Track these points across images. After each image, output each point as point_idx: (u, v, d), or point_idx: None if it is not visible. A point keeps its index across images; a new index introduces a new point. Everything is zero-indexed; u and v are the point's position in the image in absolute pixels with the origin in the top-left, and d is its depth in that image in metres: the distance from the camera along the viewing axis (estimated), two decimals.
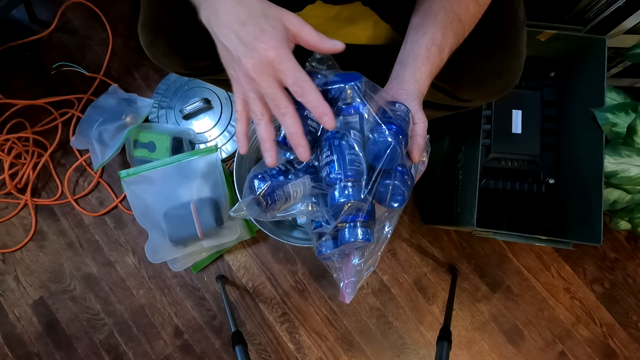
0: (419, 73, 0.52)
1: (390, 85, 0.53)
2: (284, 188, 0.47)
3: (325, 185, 0.47)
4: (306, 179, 0.48)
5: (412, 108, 0.50)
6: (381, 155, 0.45)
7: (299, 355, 1.09)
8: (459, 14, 0.53)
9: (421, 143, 0.50)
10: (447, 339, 0.82)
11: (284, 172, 0.48)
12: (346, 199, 0.45)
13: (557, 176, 0.97)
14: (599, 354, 1.09)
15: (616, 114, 0.89)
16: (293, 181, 0.47)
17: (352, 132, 0.48)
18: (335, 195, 0.46)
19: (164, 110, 1.15)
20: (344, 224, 0.47)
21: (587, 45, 0.92)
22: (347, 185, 0.45)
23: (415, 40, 0.53)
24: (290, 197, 0.47)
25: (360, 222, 0.47)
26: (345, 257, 0.52)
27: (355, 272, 0.51)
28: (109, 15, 1.25)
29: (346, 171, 0.46)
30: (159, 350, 1.10)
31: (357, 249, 0.50)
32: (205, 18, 0.44)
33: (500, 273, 1.12)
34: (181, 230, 0.98)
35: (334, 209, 0.46)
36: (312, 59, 0.52)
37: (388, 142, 0.45)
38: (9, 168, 1.15)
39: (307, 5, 0.70)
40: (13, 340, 1.11)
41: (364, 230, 0.47)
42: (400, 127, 0.46)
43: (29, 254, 1.15)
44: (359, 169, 0.46)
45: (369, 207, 0.48)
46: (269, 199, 0.46)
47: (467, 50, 0.60)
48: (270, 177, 0.47)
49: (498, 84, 0.65)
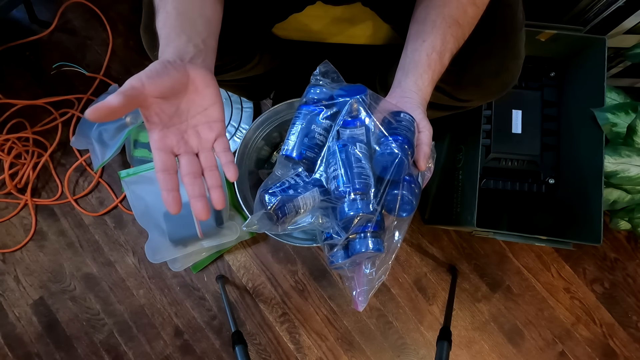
0: (421, 80, 0.53)
1: (394, 94, 0.54)
2: (294, 202, 0.47)
3: (334, 198, 0.48)
4: (315, 192, 0.49)
5: (417, 116, 0.51)
6: (388, 166, 0.46)
7: (299, 355, 1.09)
8: (457, 18, 0.53)
9: (427, 151, 0.50)
10: (447, 339, 0.82)
11: (294, 186, 0.49)
12: (355, 213, 0.46)
13: (557, 176, 0.97)
14: (599, 354, 1.09)
15: (616, 114, 0.89)
16: (303, 194, 0.48)
17: (358, 144, 0.48)
18: (344, 208, 0.47)
19: None
20: (354, 235, 0.48)
21: (587, 45, 0.92)
22: (356, 198, 0.46)
23: (415, 48, 0.54)
24: (300, 210, 0.49)
25: (371, 233, 0.48)
26: (356, 267, 0.52)
27: (367, 281, 0.52)
28: (109, 15, 1.25)
29: (354, 184, 0.47)
30: (159, 350, 1.10)
31: (368, 259, 0.51)
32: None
33: (500, 273, 1.12)
34: (181, 230, 0.98)
35: (344, 222, 0.47)
36: (316, 72, 0.53)
37: (395, 153, 0.46)
38: (9, 168, 1.15)
39: (307, 6, 0.70)
40: (13, 340, 1.11)
41: (374, 241, 0.48)
42: (405, 137, 0.47)
43: (29, 254, 1.15)
44: (366, 182, 0.47)
45: (378, 218, 0.48)
46: (280, 213, 0.47)
47: (466, 50, 0.60)
48: (281, 191, 0.48)
49: (497, 85, 0.65)
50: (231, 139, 1.12)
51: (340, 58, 0.87)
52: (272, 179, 0.51)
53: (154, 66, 0.42)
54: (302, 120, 0.52)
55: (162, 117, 0.43)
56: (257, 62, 0.77)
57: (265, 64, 0.81)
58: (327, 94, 0.51)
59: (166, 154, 0.43)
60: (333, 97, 0.51)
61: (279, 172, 0.52)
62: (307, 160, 0.51)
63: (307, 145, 0.51)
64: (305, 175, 0.50)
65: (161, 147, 0.43)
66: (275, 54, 0.84)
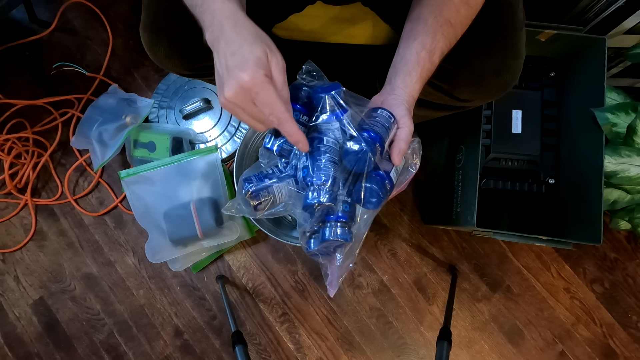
0: (409, 78, 0.54)
1: (383, 90, 0.55)
2: (268, 189, 0.53)
3: (300, 187, 0.53)
4: (290, 182, 0.54)
5: (398, 113, 0.52)
6: (353, 160, 0.50)
7: (299, 355, 1.09)
8: (449, 17, 0.54)
9: (403, 147, 0.52)
10: (447, 339, 0.82)
11: (270, 175, 0.55)
12: (314, 201, 0.50)
13: (557, 176, 0.97)
14: (599, 354, 1.09)
15: (616, 114, 0.89)
16: (277, 184, 0.54)
17: (326, 139, 0.52)
18: (307, 196, 0.51)
19: (164, 110, 1.15)
20: (325, 223, 0.53)
21: (587, 45, 0.92)
22: (316, 189, 0.51)
23: (406, 46, 0.55)
24: (276, 198, 0.54)
25: (340, 223, 0.52)
26: (329, 256, 0.57)
27: (337, 268, 0.56)
28: (109, 15, 1.25)
29: (318, 176, 0.51)
30: (159, 350, 1.10)
31: (338, 247, 0.55)
32: (210, 42, 0.48)
33: (500, 273, 1.12)
34: (181, 230, 0.98)
35: (306, 209, 0.52)
36: (301, 72, 0.56)
37: (359, 147, 0.49)
38: (9, 168, 1.15)
39: (307, 6, 0.70)
40: (13, 340, 1.11)
41: (342, 230, 0.52)
42: (375, 133, 0.50)
43: (29, 254, 1.15)
44: (327, 174, 0.51)
45: (347, 208, 0.53)
46: (255, 199, 0.53)
47: (466, 50, 0.60)
48: (257, 179, 0.54)
49: (497, 84, 0.65)
50: (231, 139, 1.12)
51: (340, 58, 0.87)
52: (254, 168, 0.57)
53: (280, 73, 0.46)
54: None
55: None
56: None
57: None
58: (305, 92, 0.54)
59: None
60: (310, 95, 0.54)
61: (263, 162, 0.58)
62: (282, 153, 0.55)
63: (284, 139, 0.54)
64: (283, 166, 0.56)
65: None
66: None
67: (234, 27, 0.46)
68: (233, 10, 0.46)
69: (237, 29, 0.46)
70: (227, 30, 0.45)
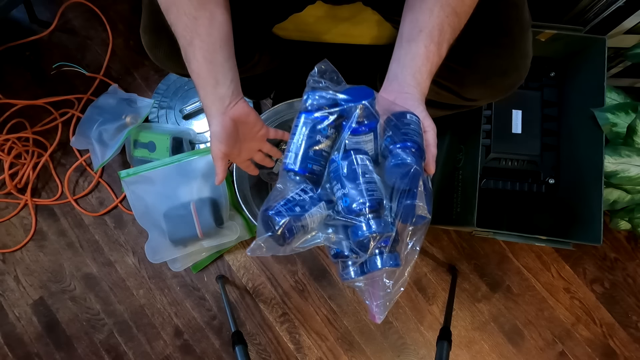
0: (420, 74, 0.50)
1: (390, 88, 0.51)
2: (301, 220, 0.44)
3: (344, 216, 0.45)
4: (322, 207, 0.46)
5: (420, 114, 0.48)
6: (403, 177, 0.43)
7: (299, 355, 1.09)
8: (455, 7, 0.50)
9: (435, 152, 0.48)
10: (447, 339, 0.82)
11: (300, 202, 0.45)
12: (370, 233, 0.43)
13: (557, 176, 0.97)
14: (599, 354, 1.09)
15: (616, 114, 0.89)
16: (309, 211, 0.45)
17: (359, 157, 0.45)
18: (359, 230, 0.44)
19: (164, 110, 1.15)
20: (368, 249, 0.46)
21: (587, 45, 0.92)
22: (369, 217, 0.43)
23: (412, 38, 0.51)
24: (308, 228, 0.45)
25: (388, 248, 0.45)
26: (372, 281, 0.49)
27: (384, 294, 0.48)
28: (109, 15, 1.25)
29: (365, 202, 0.43)
30: (159, 350, 1.10)
31: (385, 273, 0.48)
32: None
33: (500, 273, 1.12)
34: (181, 230, 0.98)
35: (358, 243, 0.44)
36: (314, 73, 0.49)
37: (408, 164, 0.43)
38: (9, 168, 1.15)
39: (307, 6, 0.70)
40: (13, 340, 1.11)
41: (391, 256, 0.45)
42: (416, 143, 0.44)
43: (29, 254, 1.15)
44: (377, 197, 0.44)
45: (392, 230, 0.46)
46: (288, 234, 0.44)
47: (474, 50, 0.60)
48: (287, 210, 0.44)
49: (504, 84, 0.65)
50: None
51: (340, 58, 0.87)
52: (274, 195, 0.47)
53: (220, 132, 0.56)
54: (304, 130, 0.48)
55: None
56: (257, 61, 0.77)
57: (264, 63, 0.81)
58: (329, 100, 0.47)
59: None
60: (337, 102, 0.47)
61: (281, 186, 0.48)
62: (312, 174, 0.48)
63: (312, 158, 0.47)
64: (310, 189, 0.47)
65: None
66: (275, 54, 0.84)
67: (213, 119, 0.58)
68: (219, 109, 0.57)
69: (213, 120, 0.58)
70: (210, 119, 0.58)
